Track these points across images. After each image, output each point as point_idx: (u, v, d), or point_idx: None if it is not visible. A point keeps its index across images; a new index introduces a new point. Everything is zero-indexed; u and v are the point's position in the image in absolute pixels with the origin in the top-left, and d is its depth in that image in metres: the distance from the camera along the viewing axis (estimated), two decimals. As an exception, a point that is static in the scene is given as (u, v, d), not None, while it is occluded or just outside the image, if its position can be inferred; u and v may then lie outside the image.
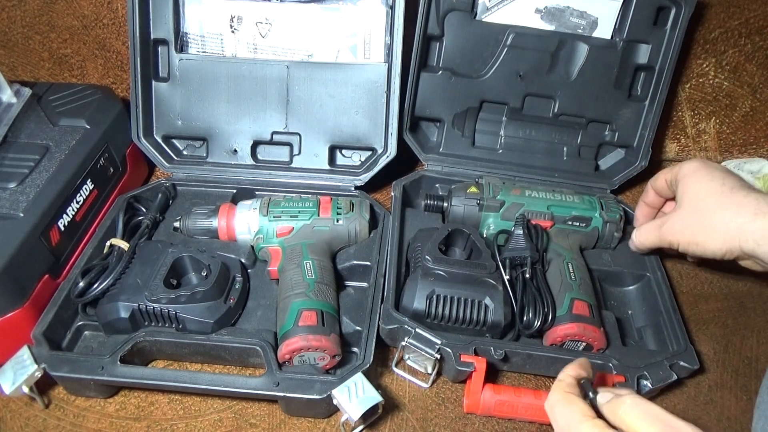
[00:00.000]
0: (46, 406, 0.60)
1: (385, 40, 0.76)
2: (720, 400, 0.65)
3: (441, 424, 0.60)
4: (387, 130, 0.77)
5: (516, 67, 0.78)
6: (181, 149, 0.81)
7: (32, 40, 0.90)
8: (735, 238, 0.54)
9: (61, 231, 0.66)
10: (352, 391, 0.53)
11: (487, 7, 0.76)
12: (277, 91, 0.77)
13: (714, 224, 0.56)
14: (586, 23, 0.77)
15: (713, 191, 0.57)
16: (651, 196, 0.69)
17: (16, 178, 0.65)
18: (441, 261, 0.63)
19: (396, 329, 0.60)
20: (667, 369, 0.58)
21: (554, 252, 0.68)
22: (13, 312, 0.59)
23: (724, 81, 0.92)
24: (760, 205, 0.53)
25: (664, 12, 0.76)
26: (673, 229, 0.61)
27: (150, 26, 0.75)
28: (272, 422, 0.59)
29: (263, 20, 0.77)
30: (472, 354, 0.57)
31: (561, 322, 0.61)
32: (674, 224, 0.60)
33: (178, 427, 0.59)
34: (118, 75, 0.93)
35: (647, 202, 0.71)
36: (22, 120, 0.73)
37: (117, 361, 0.56)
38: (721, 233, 0.55)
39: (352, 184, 0.78)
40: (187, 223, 0.70)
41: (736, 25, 0.87)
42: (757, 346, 0.71)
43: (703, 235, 0.57)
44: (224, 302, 0.62)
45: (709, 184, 0.58)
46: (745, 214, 0.53)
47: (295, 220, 0.69)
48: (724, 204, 0.56)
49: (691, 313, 0.74)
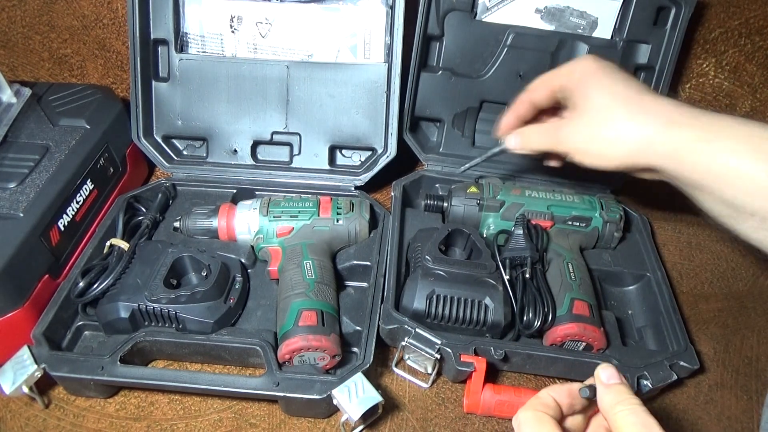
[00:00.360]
0: (46, 406, 0.60)
1: (385, 40, 0.76)
2: (720, 400, 0.65)
3: (441, 424, 0.60)
4: (387, 130, 0.77)
5: (516, 67, 0.78)
6: (181, 149, 0.81)
7: (32, 40, 0.90)
8: (641, 151, 0.48)
9: (61, 231, 0.66)
10: (352, 391, 0.53)
11: (487, 7, 0.76)
12: (277, 91, 0.77)
13: (620, 136, 0.49)
14: (586, 23, 0.77)
15: (619, 97, 0.50)
16: (525, 108, 0.60)
17: (16, 178, 0.65)
18: (441, 261, 0.63)
19: (396, 329, 0.60)
20: (667, 369, 0.58)
21: (554, 252, 0.68)
22: (13, 312, 0.59)
23: (724, 81, 0.92)
24: (673, 113, 0.47)
25: (664, 12, 0.76)
26: (572, 138, 0.53)
27: (150, 26, 0.75)
28: (272, 422, 0.59)
29: (263, 20, 0.77)
30: (472, 354, 0.57)
31: (561, 322, 0.61)
32: (573, 133, 0.53)
33: (178, 427, 0.59)
34: (118, 75, 0.93)
35: (520, 115, 0.60)
36: (22, 120, 0.73)
37: (117, 361, 0.56)
38: (627, 145, 0.49)
39: (352, 184, 0.78)
40: (187, 223, 0.70)
41: (736, 25, 0.87)
42: (758, 346, 0.71)
43: (605, 148, 0.51)
44: (224, 302, 0.62)
45: (613, 88, 0.51)
46: (656, 123, 0.47)
47: (295, 220, 0.69)
48: (633, 111, 0.49)
49: (691, 313, 0.74)
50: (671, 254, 0.82)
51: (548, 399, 0.40)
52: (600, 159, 0.52)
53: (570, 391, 0.41)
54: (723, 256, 0.83)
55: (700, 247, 0.84)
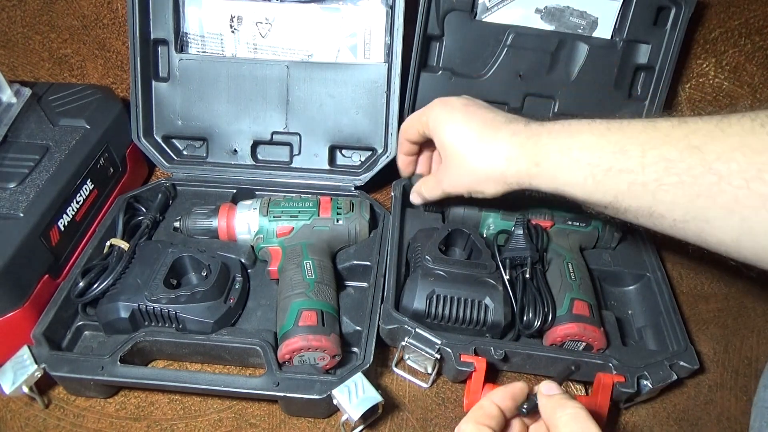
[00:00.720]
0: (46, 406, 0.60)
1: (385, 40, 0.76)
2: (720, 400, 0.65)
3: (441, 424, 0.60)
4: (387, 130, 0.77)
5: (516, 67, 0.78)
6: (181, 149, 0.81)
7: (32, 40, 0.90)
8: (504, 182, 0.54)
9: (61, 231, 0.66)
10: (352, 391, 0.53)
11: (487, 7, 0.76)
12: (277, 91, 0.77)
13: (479, 174, 0.55)
14: (586, 23, 0.77)
15: (463, 141, 0.56)
16: (408, 147, 0.67)
17: (16, 178, 0.65)
18: (441, 261, 0.63)
19: (396, 329, 0.60)
20: (667, 369, 0.58)
21: (554, 252, 0.68)
22: (13, 312, 0.59)
23: (724, 81, 0.92)
24: (510, 147, 0.52)
25: (664, 12, 0.76)
26: (451, 184, 0.59)
27: (150, 26, 0.75)
28: (272, 422, 0.59)
29: (263, 20, 0.77)
30: (472, 354, 0.57)
31: (561, 322, 0.61)
32: (449, 179, 0.59)
33: (178, 427, 0.59)
34: (118, 75, 0.93)
35: (406, 152, 0.69)
36: (22, 120, 0.73)
37: (117, 361, 0.56)
38: (491, 180, 0.54)
39: (352, 184, 0.78)
40: (187, 223, 0.70)
41: (736, 25, 0.87)
42: (757, 346, 0.71)
43: (476, 184, 0.56)
44: (224, 302, 0.62)
45: (457, 133, 0.56)
46: (499, 162, 0.53)
47: (295, 220, 0.69)
48: (478, 155, 0.55)
49: (691, 313, 0.74)
50: (671, 254, 0.82)
51: (491, 408, 0.42)
52: (480, 192, 0.57)
53: (513, 393, 0.43)
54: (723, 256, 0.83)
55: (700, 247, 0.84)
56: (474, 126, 0.56)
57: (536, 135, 0.52)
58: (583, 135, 0.49)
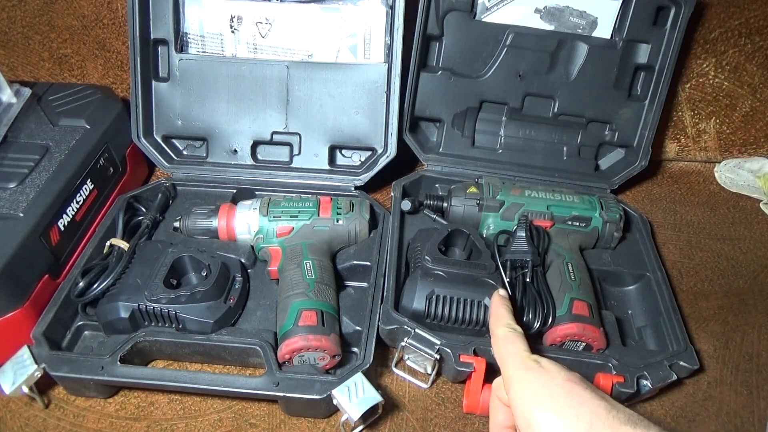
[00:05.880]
0: (46, 406, 0.60)
1: (385, 40, 0.76)
2: (719, 396, 0.65)
3: (441, 424, 0.60)
4: (387, 130, 0.77)
5: (516, 67, 0.78)
6: (181, 149, 0.81)
7: (32, 40, 0.90)
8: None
9: (61, 231, 0.66)
10: (352, 391, 0.53)
11: (487, 7, 0.76)
12: (277, 91, 0.77)
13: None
14: (586, 23, 0.77)
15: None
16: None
17: (16, 178, 0.65)
18: (441, 261, 0.63)
19: (396, 329, 0.60)
20: (667, 369, 0.58)
21: (554, 252, 0.68)
22: (13, 312, 0.59)
23: (724, 81, 0.92)
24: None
25: (664, 12, 0.76)
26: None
27: (150, 26, 0.75)
28: (272, 422, 0.59)
29: (263, 20, 0.77)
30: (472, 354, 0.57)
31: (561, 322, 0.61)
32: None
33: (178, 427, 0.59)
34: (118, 75, 0.93)
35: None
36: (22, 120, 0.73)
37: (117, 361, 0.56)
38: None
39: (352, 184, 0.78)
40: (187, 223, 0.70)
41: (736, 25, 0.87)
42: (759, 342, 0.71)
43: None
44: (224, 302, 0.62)
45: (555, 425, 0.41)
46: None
47: (295, 220, 0.69)
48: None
49: (691, 310, 0.74)
50: (671, 253, 0.82)
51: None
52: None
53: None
54: (723, 254, 0.83)
55: (700, 246, 0.84)
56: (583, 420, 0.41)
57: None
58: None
